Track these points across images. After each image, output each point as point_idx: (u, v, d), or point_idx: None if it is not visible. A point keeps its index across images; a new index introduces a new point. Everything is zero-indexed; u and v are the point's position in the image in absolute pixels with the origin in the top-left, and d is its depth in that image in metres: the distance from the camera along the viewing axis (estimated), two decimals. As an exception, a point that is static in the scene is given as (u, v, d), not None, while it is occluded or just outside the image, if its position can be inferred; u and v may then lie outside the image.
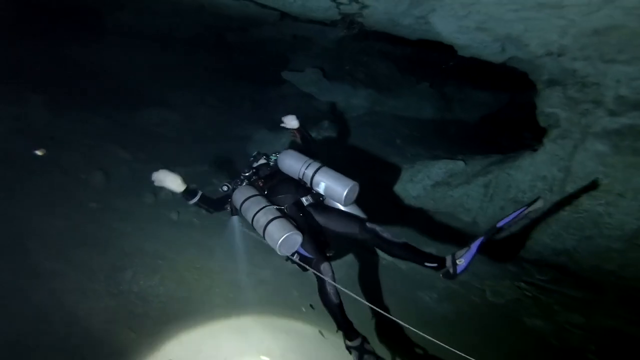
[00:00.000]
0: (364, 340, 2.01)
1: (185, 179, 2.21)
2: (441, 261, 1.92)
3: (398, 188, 5.98)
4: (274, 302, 3.37)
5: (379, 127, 8.32)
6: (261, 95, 11.46)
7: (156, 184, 2.16)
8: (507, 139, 7.95)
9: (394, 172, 6.23)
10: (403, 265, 4.12)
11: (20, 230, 2.91)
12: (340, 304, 2.03)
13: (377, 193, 5.98)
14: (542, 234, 3.64)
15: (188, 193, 2.21)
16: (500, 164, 4.59)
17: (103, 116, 7.77)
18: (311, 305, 3.30)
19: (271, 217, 2.06)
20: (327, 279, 2.02)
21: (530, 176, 3.85)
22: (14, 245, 2.75)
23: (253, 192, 2.29)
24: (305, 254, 2.11)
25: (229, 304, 3.18)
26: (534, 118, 3.88)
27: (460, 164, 5.23)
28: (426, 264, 1.95)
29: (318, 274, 2.05)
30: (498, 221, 1.88)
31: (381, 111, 8.84)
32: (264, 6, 6.64)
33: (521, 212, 1.86)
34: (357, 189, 2.19)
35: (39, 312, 2.35)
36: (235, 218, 2.50)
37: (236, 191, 2.34)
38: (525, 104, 9.03)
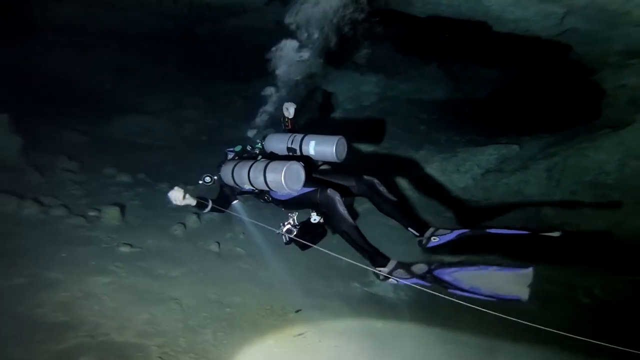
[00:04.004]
0: (399, 261, 1.88)
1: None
2: (422, 231, 2.03)
3: (441, 180, 5.81)
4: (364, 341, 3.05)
5: (395, 114, 8.10)
6: (250, 91, 10.80)
7: (174, 203, 2.29)
8: (525, 115, 8.05)
9: (430, 163, 6.05)
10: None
11: (73, 298, 2.33)
12: (358, 228, 1.98)
13: (414, 189, 5.78)
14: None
15: (201, 205, 2.41)
16: (565, 145, 4.53)
17: (74, 131, 6.87)
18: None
19: (268, 161, 2.10)
20: (337, 198, 2.00)
21: (620, 155, 3.79)
22: (73, 320, 2.18)
23: (240, 159, 2.35)
24: (307, 189, 2.10)
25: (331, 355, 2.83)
26: (545, 91, 3.69)
27: (514, 147, 5.14)
28: (409, 228, 2.08)
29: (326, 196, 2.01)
30: (493, 227, 1.94)
31: (394, 96, 8.62)
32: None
33: (525, 234, 1.88)
34: (344, 141, 2.32)
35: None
36: (236, 203, 2.59)
37: (222, 168, 2.35)
38: (535, 77, 9.27)
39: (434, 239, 1.96)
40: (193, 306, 2.86)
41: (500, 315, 1.59)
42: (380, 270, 1.83)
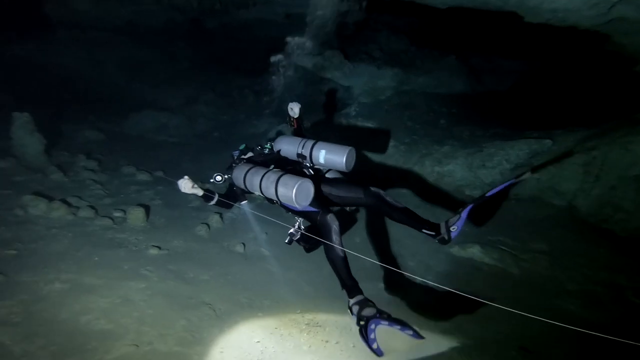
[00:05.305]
0: (367, 298, 2.06)
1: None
2: (436, 229, 2.09)
3: (465, 176, 5.68)
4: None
5: (413, 108, 7.93)
6: (262, 85, 10.70)
7: (182, 190, 2.35)
8: (553, 108, 7.79)
9: (455, 159, 5.90)
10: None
11: (113, 304, 2.32)
12: (346, 259, 2.12)
13: (435, 187, 5.66)
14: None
15: (207, 197, 2.46)
16: (606, 138, 4.35)
17: (90, 128, 6.91)
18: None
19: (280, 173, 2.17)
20: (334, 226, 2.11)
21: (670, 149, 3.62)
22: (117, 328, 2.16)
23: (253, 165, 2.42)
24: (311, 208, 2.22)
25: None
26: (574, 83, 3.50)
27: (547, 142, 4.97)
28: (424, 230, 2.14)
29: (324, 221, 2.13)
30: (488, 191, 2.15)
31: (410, 90, 8.42)
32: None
33: (510, 184, 2.16)
34: (354, 153, 2.41)
35: None
36: (245, 204, 2.65)
37: (235, 170, 2.41)
38: (563, 68, 8.93)
39: (453, 228, 2.05)
40: (226, 311, 2.83)
41: (547, 320, 1.63)
42: (349, 301, 2.05)
